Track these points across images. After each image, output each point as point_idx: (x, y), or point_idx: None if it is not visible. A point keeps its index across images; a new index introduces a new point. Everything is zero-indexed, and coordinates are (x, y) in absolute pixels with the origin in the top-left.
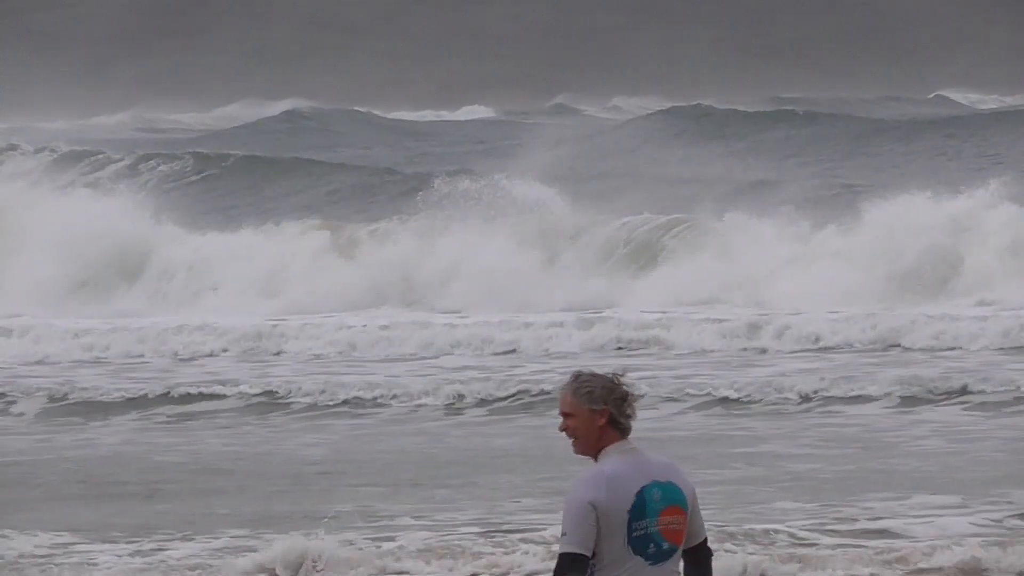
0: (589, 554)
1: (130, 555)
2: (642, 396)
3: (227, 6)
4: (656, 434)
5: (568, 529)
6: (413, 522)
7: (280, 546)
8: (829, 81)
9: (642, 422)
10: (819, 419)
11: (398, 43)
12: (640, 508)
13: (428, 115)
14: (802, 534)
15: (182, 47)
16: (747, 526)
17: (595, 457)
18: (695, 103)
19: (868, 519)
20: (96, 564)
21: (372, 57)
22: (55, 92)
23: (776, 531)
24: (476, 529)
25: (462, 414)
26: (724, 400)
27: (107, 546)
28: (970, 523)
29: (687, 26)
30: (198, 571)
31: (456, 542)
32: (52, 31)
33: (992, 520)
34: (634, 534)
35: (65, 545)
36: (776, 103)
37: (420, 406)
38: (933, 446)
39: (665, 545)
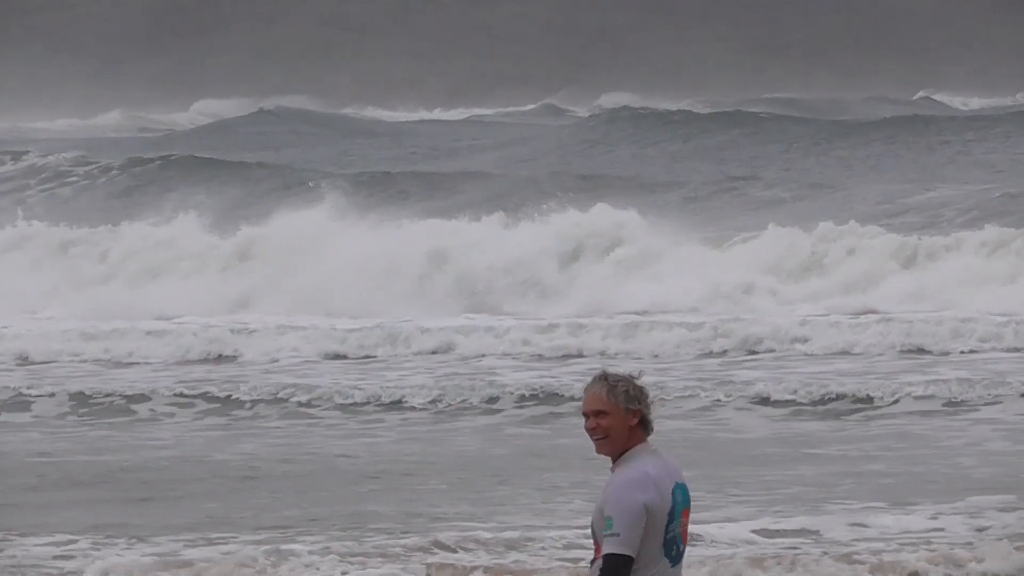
0: (635, 556)
1: (143, 556)
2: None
3: (236, 6)
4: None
5: (622, 530)
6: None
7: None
8: (832, 81)
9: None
10: (890, 421)
11: (409, 43)
12: (673, 510)
13: (419, 115)
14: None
15: (191, 47)
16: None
17: (616, 458)
18: (638, 106)
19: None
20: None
21: (382, 57)
22: (59, 92)
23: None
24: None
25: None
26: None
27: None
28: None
29: (692, 26)
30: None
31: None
32: (60, 32)
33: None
34: (667, 536)
35: (96, 545)
36: (765, 104)
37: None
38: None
39: (682, 546)
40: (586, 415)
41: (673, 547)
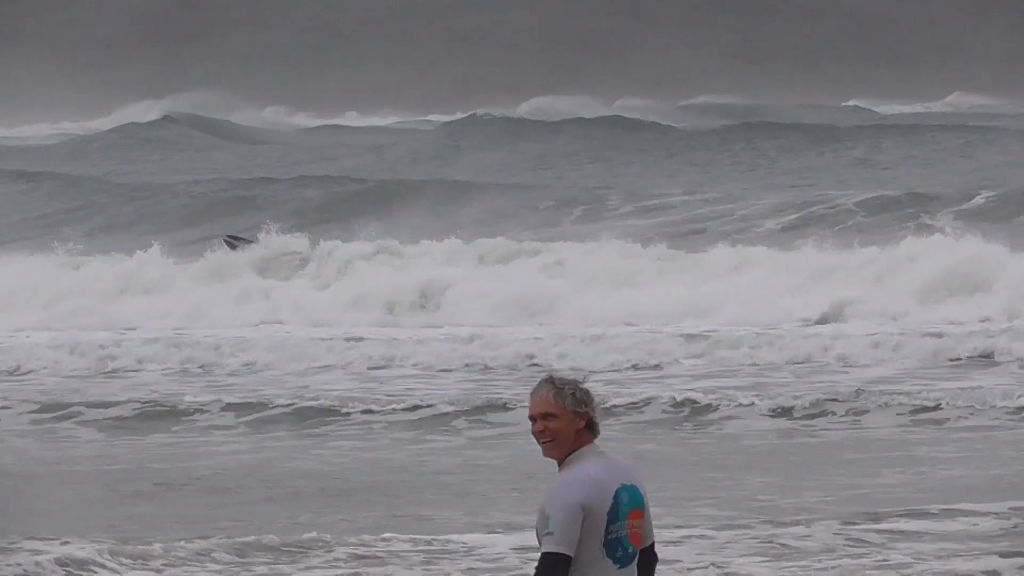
0: (572, 555)
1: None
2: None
3: (224, 13)
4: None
5: (557, 529)
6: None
7: None
8: (815, 87)
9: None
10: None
11: (393, 49)
12: (615, 511)
13: (389, 121)
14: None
15: (183, 53)
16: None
17: (562, 460)
18: (478, 112)
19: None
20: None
21: (365, 63)
22: (46, 96)
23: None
24: None
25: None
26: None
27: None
28: None
29: (676, 32)
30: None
31: None
32: (53, 35)
33: None
34: (609, 537)
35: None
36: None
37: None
38: None
39: (630, 549)
40: (533, 418)
41: (618, 548)
